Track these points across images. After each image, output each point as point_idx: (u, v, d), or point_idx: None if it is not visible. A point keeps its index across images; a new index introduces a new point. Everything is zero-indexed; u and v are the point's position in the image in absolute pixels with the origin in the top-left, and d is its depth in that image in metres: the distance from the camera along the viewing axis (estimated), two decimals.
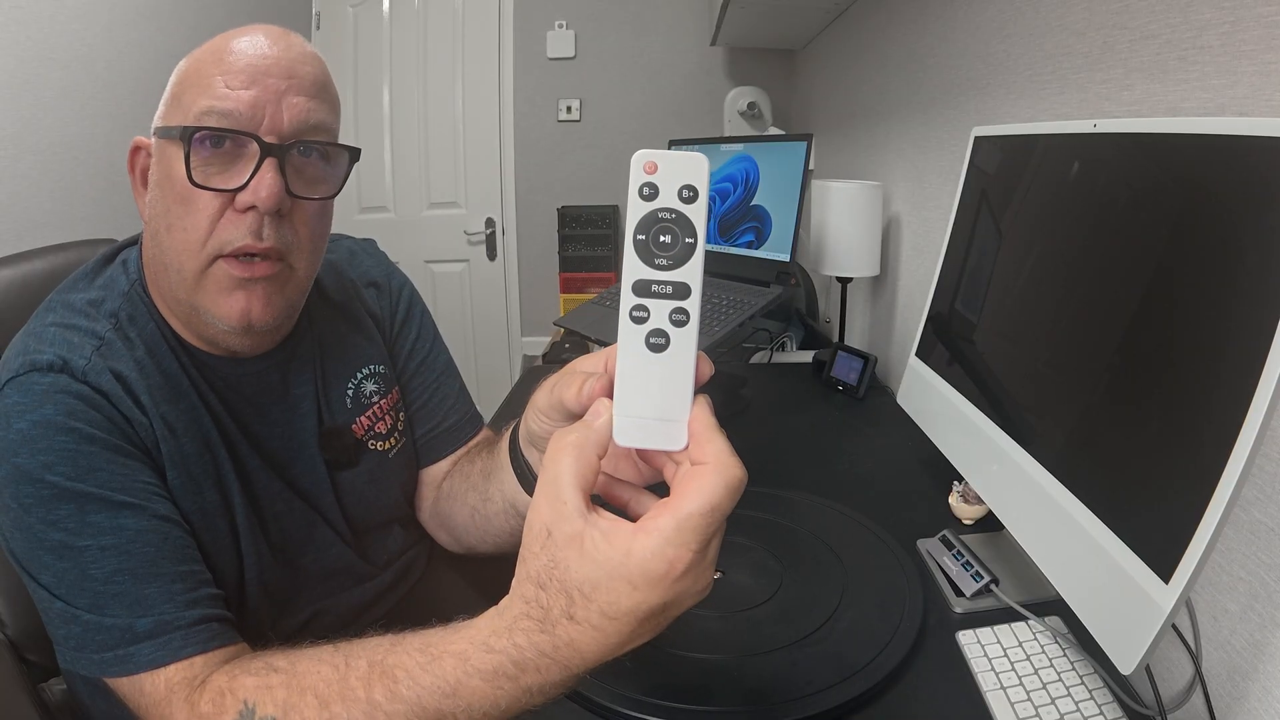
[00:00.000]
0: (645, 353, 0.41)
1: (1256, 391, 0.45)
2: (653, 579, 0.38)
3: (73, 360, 0.61)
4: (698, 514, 0.38)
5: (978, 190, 0.91)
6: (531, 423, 0.59)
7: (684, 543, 0.38)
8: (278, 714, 0.50)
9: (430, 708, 0.45)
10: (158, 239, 0.65)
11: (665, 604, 0.39)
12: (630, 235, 0.40)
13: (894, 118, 1.64)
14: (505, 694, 0.43)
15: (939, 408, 0.91)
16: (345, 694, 0.48)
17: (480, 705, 0.44)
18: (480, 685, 0.44)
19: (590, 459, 0.41)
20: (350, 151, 0.69)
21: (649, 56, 3.00)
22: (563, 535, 0.40)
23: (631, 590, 0.39)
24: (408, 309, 0.89)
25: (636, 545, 0.38)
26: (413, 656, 0.47)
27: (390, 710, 0.46)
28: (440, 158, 3.06)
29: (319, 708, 0.48)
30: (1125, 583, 0.53)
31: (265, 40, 0.63)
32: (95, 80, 1.84)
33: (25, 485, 0.57)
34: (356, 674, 0.48)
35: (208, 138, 0.61)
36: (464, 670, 0.44)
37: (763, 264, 1.35)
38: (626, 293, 0.40)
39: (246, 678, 0.53)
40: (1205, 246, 0.53)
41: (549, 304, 3.11)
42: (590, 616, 0.40)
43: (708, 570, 0.41)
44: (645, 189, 0.40)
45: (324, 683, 0.49)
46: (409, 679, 0.46)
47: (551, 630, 0.41)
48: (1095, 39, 0.86)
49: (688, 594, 0.40)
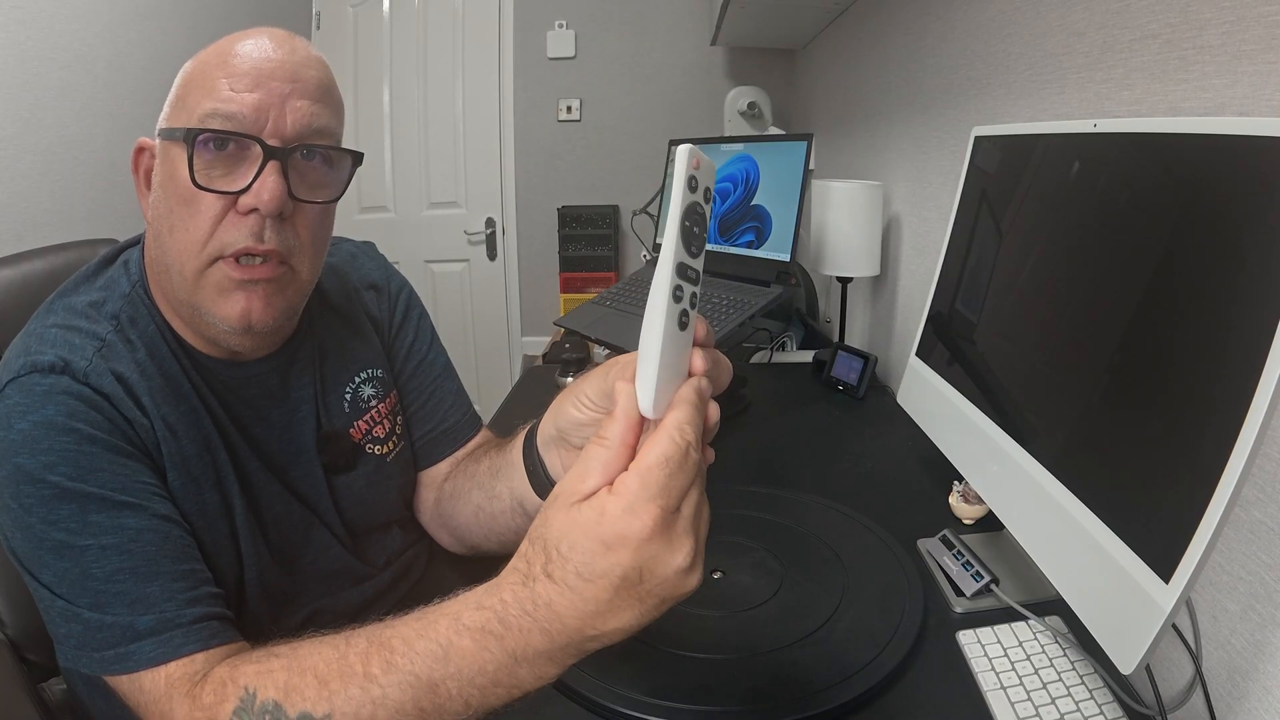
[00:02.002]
0: (676, 330, 0.43)
1: (1257, 391, 0.45)
2: (624, 537, 0.40)
3: (74, 361, 0.61)
4: (655, 465, 0.41)
5: (978, 190, 0.91)
6: (574, 411, 0.59)
7: (650, 497, 0.40)
8: (278, 696, 0.50)
9: (423, 676, 0.46)
10: (160, 240, 0.65)
11: (639, 568, 0.41)
12: (678, 221, 0.43)
13: (894, 117, 1.64)
14: (492, 657, 0.44)
15: (939, 407, 0.91)
16: (344, 671, 0.49)
17: (469, 670, 0.45)
18: (469, 646, 0.45)
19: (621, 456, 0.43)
20: (353, 155, 0.69)
21: (649, 56, 3.00)
22: (563, 502, 0.43)
23: (605, 551, 0.41)
24: (405, 310, 0.89)
25: (609, 504, 0.41)
26: (410, 625, 0.48)
27: (385, 682, 0.47)
28: (440, 158, 3.06)
29: (318, 686, 0.49)
30: (1125, 582, 0.53)
31: (270, 43, 0.63)
32: (95, 80, 1.84)
33: (26, 485, 0.57)
34: (355, 651, 0.49)
35: (211, 140, 0.61)
36: (455, 630, 0.45)
37: (763, 264, 1.35)
38: (668, 274, 0.43)
39: (248, 665, 0.54)
40: (1205, 246, 0.53)
41: (549, 304, 3.11)
42: (566, 576, 0.42)
43: (682, 539, 0.42)
44: (692, 181, 0.43)
45: (324, 662, 0.50)
46: (405, 647, 0.47)
47: (531, 586, 0.43)
48: (1095, 39, 0.86)
49: (664, 563, 0.41)
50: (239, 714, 0.51)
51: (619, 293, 1.51)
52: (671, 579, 0.42)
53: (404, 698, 0.47)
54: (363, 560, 0.81)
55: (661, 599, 0.42)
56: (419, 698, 0.47)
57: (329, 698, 0.48)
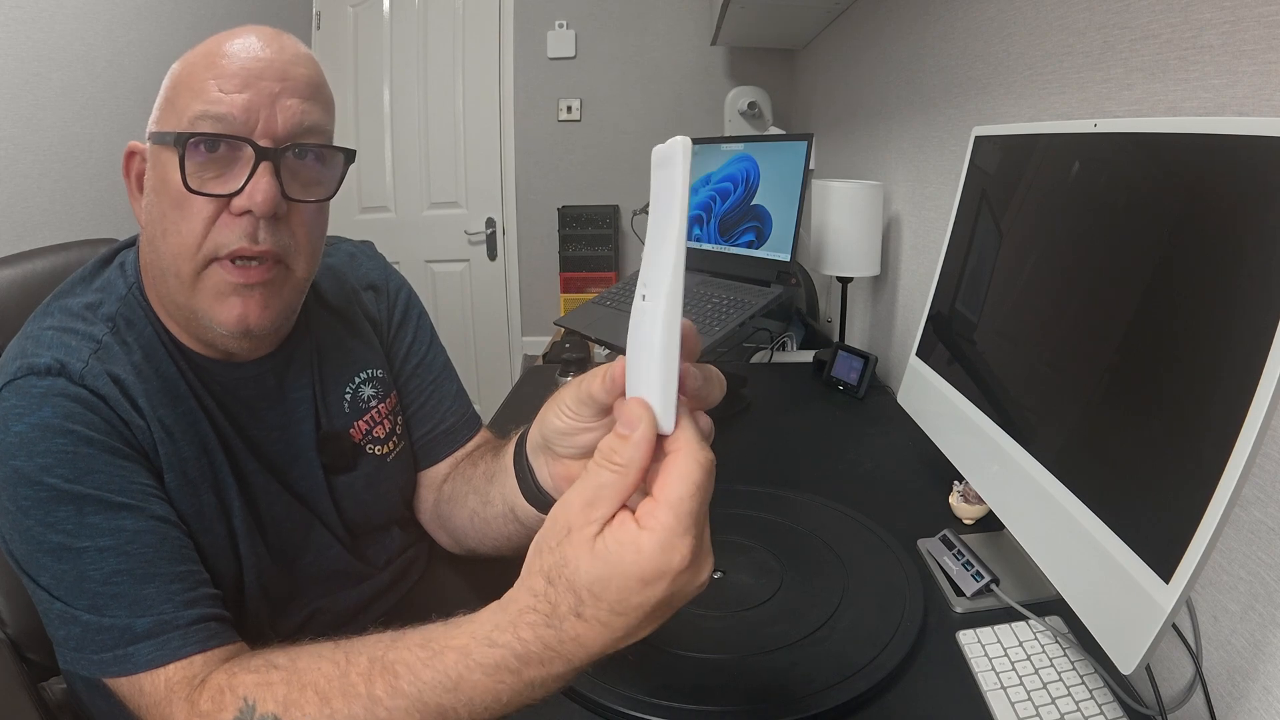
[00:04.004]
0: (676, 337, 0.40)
1: (1257, 391, 0.45)
2: (662, 573, 0.39)
3: (70, 363, 0.61)
4: (688, 497, 0.39)
5: (978, 190, 0.91)
6: (555, 419, 0.57)
7: (685, 530, 0.39)
8: (278, 710, 0.50)
9: (431, 703, 0.46)
10: (154, 244, 0.65)
11: (672, 595, 0.40)
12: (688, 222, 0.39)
13: (894, 118, 1.64)
14: (507, 688, 0.44)
15: (939, 407, 0.91)
16: (346, 690, 0.48)
17: (482, 699, 0.45)
18: (482, 679, 0.44)
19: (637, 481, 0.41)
20: (345, 153, 0.68)
21: (649, 56, 3.00)
22: (581, 537, 0.41)
23: (643, 587, 0.40)
24: (405, 310, 0.89)
25: (644, 542, 0.39)
26: (414, 652, 0.47)
27: (391, 705, 0.47)
28: (440, 158, 3.06)
29: (320, 704, 0.49)
30: (1126, 582, 0.53)
31: (258, 42, 0.63)
32: (95, 80, 1.84)
33: (24, 488, 0.57)
34: (357, 670, 0.49)
35: (202, 143, 0.61)
36: (465, 665, 0.44)
37: (763, 264, 1.35)
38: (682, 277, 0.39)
39: (246, 675, 0.53)
40: (1205, 246, 0.53)
41: (549, 304, 3.11)
42: (599, 614, 0.41)
43: (708, 558, 0.41)
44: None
45: (324, 679, 0.50)
46: (410, 674, 0.46)
47: (559, 626, 0.42)
48: (1096, 38, 0.86)
49: (692, 584, 0.41)
50: None
51: (619, 293, 1.51)
52: (694, 594, 0.42)
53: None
54: (362, 560, 0.81)
55: (678, 609, 0.42)
56: None
57: (330, 716, 0.48)
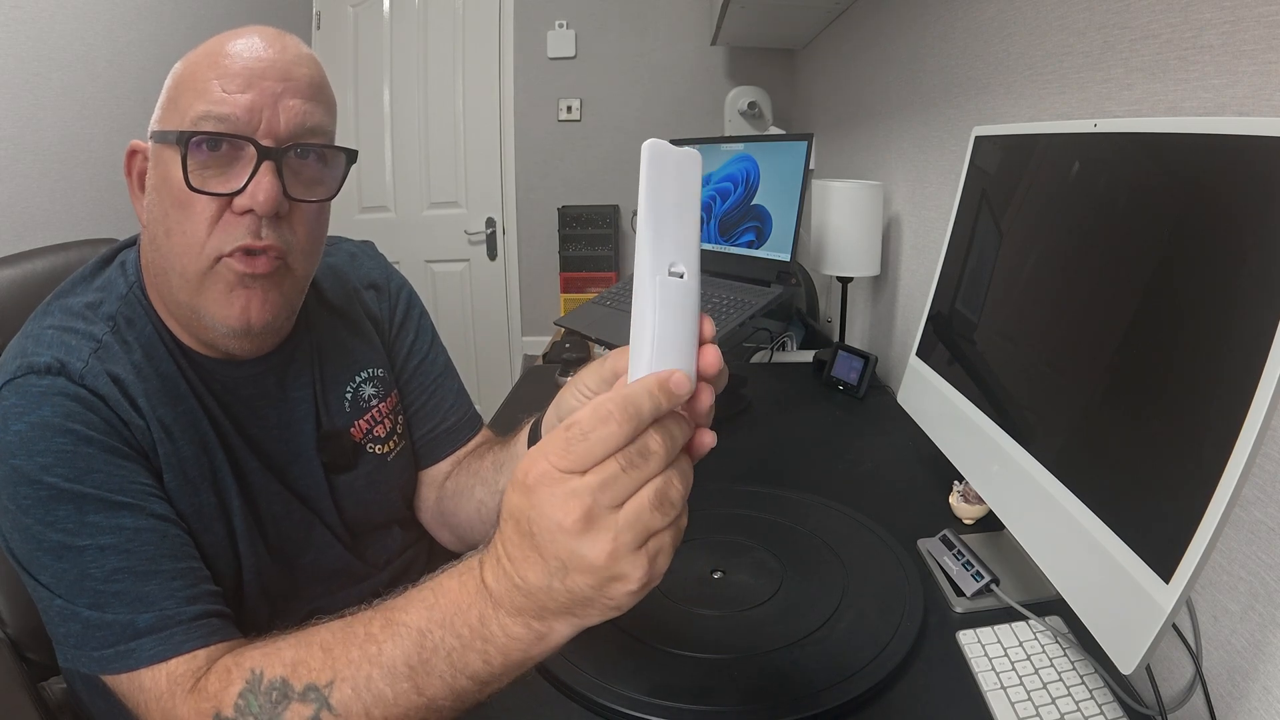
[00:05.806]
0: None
1: (1257, 391, 0.45)
2: (517, 480, 0.41)
3: (70, 363, 0.61)
4: (561, 426, 0.40)
5: (978, 190, 0.91)
6: (572, 400, 0.58)
7: (542, 450, 0.40)
8: (285, 673, 0.50)
9: (414, 625, 0.47)
10: (156, 243, 0.65)
11: (527, 513, 0.40)
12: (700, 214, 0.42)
13: (894, 117, 1.64)
14: (468, 594, 0.45)
15: (939, 407, 0.91)
16: (348, 636, 0.50)
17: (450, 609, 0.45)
18: (452, 584, 0.46)
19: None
20: (347, 153, 0.69)
21: (649, 56, 3.00)
22: None
23: (510, 489, 0.42)
24: (406, 310, 0.89)
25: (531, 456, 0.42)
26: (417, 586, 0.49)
27: (382, 637, 0.48)
28: (440, 158, 3.06)
29: (323, 655, 0.50)
30: (1126, 582, 0.53)
31: (261, 42, 0.63)
32: (95, 80, 1.84)
33: (23, 487, 0.57)
34: (362, 618, 0.50)
35: (204, 142, 0.61)
36: (445, 574, 0.47)
37: (763, 264, 1.35)
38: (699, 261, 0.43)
39: (253, 650, 0.54)
40: (1206, 246, 0.53)
41: (549, 304, 3.11)
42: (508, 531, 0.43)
43: (572, 501, 0.39)
44: None
45: (330, 632, 0.51)
46: (405, 601, 0.48)
47: (498, 550, 0.43)
48: (1096, 38, 0.86)
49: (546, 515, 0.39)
50: (245, 695, 0.51)
51: (619, 292, 1.51)
52: (559, 538, 0.39)
53: (396, 652, 0.47)
54: (363, 560, 0.81)
55: (562, 564, 0.40)
56: (409, 653, 0.46)
57: (332, 664, 0.49)
